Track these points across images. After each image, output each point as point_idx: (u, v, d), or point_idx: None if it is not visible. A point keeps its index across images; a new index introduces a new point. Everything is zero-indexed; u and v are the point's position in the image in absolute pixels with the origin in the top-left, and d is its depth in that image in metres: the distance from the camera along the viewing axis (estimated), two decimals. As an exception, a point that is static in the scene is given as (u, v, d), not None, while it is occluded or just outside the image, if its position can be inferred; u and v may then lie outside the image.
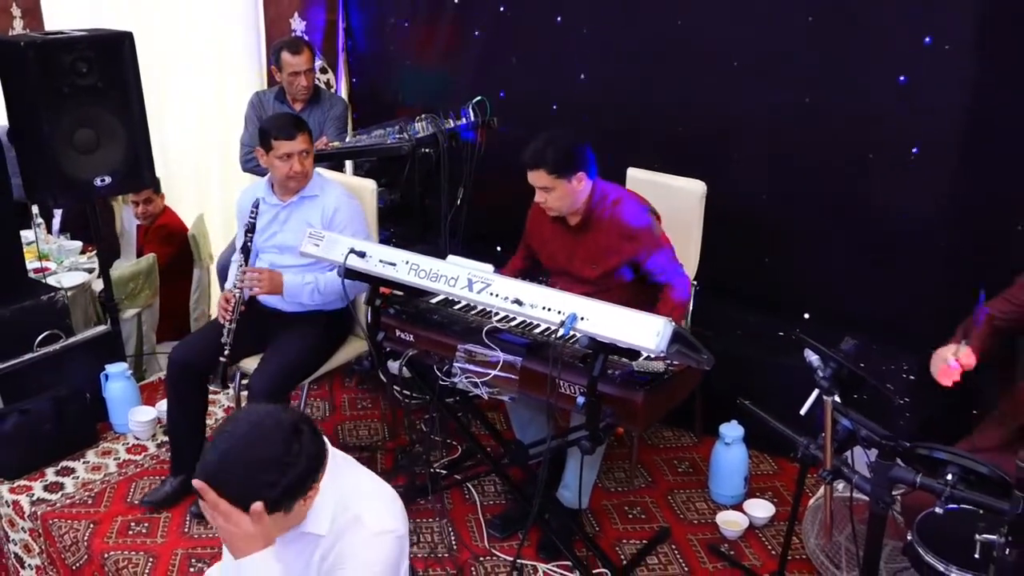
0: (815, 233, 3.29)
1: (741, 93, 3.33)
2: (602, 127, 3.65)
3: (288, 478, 1.63)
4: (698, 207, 3.23)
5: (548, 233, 3.06)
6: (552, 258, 3.06)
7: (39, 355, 3.55)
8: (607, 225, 2.90)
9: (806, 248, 3.33)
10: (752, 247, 3.44)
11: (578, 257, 2.97)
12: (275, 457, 1.62)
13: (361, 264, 2.72)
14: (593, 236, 2.93)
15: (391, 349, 2.90)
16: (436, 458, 3.42)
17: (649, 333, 2.21)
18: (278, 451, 1.63)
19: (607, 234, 2.90)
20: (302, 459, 1.65)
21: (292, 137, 3.03)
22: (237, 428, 1.66)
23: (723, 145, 3.43)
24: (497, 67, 4.02)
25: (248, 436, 1.64)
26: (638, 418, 2.47)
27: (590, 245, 2.93)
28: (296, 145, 3.03)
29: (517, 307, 2.43)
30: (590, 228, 2.94)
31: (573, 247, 2.98)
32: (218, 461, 1.62)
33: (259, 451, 1.62)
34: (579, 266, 2.97)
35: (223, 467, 1.62)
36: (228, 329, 3.01)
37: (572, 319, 2.31)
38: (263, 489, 1.61)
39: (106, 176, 3.55)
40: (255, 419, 1.67)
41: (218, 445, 1.64)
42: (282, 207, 3.19)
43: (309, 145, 3.07)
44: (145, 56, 5.06)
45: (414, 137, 3.46)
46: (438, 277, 2.58)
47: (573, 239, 2.97)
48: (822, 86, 3.16)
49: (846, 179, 3.18)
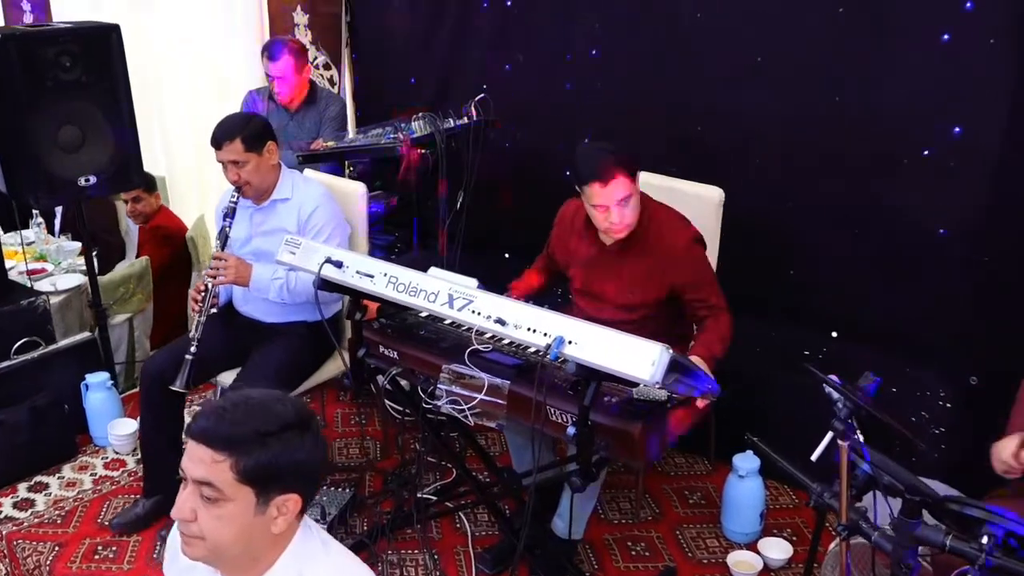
0: (844, 244, 3.04)
1: (764, 91, 3.09)
2: (614, 127, 3.42)
3: (274, 453, 1.40)
4: (715, 215, 3.00)
5: (577, 248, 2.76)
6: (582, 278, 2.78)
7: (16, 363, 3.41)
8: (653, 247, 2.61)
9: (834, 260, 3.08)
10: (774, 258, 3.19)
11: (613, 281, 2.69)
12: (277, 427, 1.41)
13: (337, 275, 2.52)
14: (635, 259, 2.63)
15: (375, 366, 2.69)
16: (428, 482, 3.22)
17: (643, 361, 1.97)
18: (285, 420, 1.42)
19: (655, 258, 2.61)
20: (299, 449, 1.43)
21: (217, 146, 2.85)
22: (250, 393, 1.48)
23: (743, 148, 3.18)
24: (505, 64, 3.81)
25: (260, 399, 1.45)
26: (635, 452, 2.23)
27: (632, 270, 2.64)
28: (221, 155, 2.86)
29: (500, 327, 2.21)
30: (634, 249, 2.63)
31: (610, 269, 2.69)
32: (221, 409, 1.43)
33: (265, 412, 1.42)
34: (614, 292, 2.69)
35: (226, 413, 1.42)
36: (197, 323, 2.82)
37: (559, 342, 2.09)
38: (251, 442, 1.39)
39: (91, 176, 3.42)
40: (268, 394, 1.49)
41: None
42: (256, 209, 3.02)
43: (243, 155, 2.85)
44: (147, 52, 5.07)
45: (410, 137, 3.25)
46: (417, 291, 2.38)
47: (612, 260, 2.68)
48: (852, 84, 2.90)
49: (878, 185, 2.93)
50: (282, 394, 1.50)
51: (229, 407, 1.42)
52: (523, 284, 2.92)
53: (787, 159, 3.10)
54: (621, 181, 2.46)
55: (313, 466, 1.48)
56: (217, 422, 1.40)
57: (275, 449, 1.40)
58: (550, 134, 3.69)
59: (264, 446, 1.39)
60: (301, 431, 1.43)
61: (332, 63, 4.38)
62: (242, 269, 2.89)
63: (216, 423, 1.40)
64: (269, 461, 1.40)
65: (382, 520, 2.97)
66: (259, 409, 1.43)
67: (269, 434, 1.40)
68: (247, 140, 2.84)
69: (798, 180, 3.09)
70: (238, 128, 2.85)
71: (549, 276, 2.94)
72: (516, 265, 3.04)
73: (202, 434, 1.40)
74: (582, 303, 2.77)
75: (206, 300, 2.83)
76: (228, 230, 2.92)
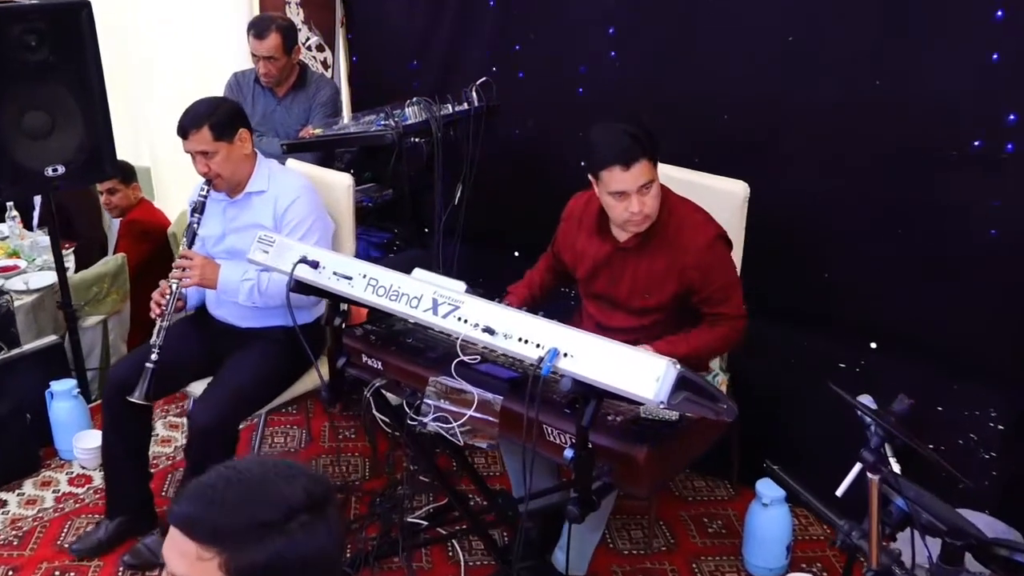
0: (884, 245, 2.91)
1: (795, 76, 2.96)
2: (631, 114, 3.26)
3: (277, 549, 1.18)
4: (740, 212, 2.87)
5: (587, 247, 2.64)
6: (592, 280, 2.66)
7: (-27, 369, 3.34)
8: (671, 243, 2.48)
9: (872, 263, 2.95)
10: (806, 261, 3.06)
11: (626, 282, 2.56)
12: (281, 514, 1.19)
13: (312, 276, 2.41)
14: (652, 258, 2.50)
15: (356, 378, 2.58)
16: (419, 504, 3.10)
17: (646, 378, 1.84)
18: (292, 503, 1.20)
19: (673, 255, 2.48)
20: (309, 541, 1.20)
21: (183, 136, 2.77)
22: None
23: (772, 138, 3.06)
24: (514, 45, 3.71)
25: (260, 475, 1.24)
26: (640, 478, 2.10)
27: (645, 269, 2.52)
28: (189, 145, 2.77)
29: (488, 336, 2.08)
30: (650, 246, 2.50)
31: (621, 270, 2.57)
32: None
33: (265, 493, 1.21)
34: (627, 294, 2.57)
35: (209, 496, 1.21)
36: (159, 328, 2.73)
37: (553, 355, 1.96)
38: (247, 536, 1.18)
39: (60, 165, 3.35)
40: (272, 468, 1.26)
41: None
42: (229, 203, 2.92)
43: (212, 145, 2.76)
44: (129, 34, 5.00)
45: (402, 124, 3.13)
46: (399, 295, 2.26)
47: (626, 259, 2.55)
48: (894, 68, 2.76)
49: (924, 180, 2.79)
50: (290, 466, 1.27)
51: (221, 486, 1.20)
52: (523, 287, 2.81)
53: (820, 151, 2.98)
54: (644, 165, 2.34)
55: (328, 560, 1.24)
56: (205, 507, 1.18)
57: (278, 544, 1.17)
58: (563, 121, 3.59)
59: (263, 540, 1.17)
60: (313, 517, 1.20)
61: (326, 44, 4.28)
62: (208, 269, 2.79)
63: (203, 509, 1.18)
64: (270, 559, 1.17)
65: (366, 547, 2.85)
66: (258, 489, 1.20)
67: (271, 524, 1.17)
68: (216, 128, 2.75)
69: (833, 174, 2.96)
70: (205, 115, 2.75)
71: (554, 277, 2.82)
72: (525, 265, 2.95)
73: (185, 522, 1.18)
74: (591, 308, 2.66)
75: (170, 303, 2.74)
76: (196, 227, 2.82)
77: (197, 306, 3.01)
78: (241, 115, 2.86)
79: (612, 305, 2.59)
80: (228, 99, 2.95)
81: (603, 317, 2.59)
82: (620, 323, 2.54)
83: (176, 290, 2.76)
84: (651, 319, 2.53)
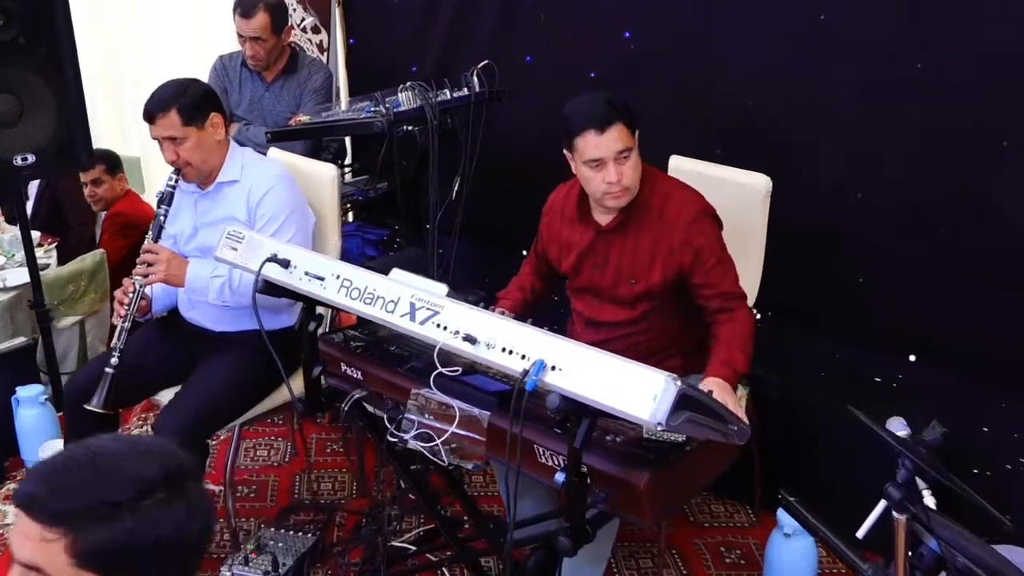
0: (926, 246, 2.76)
1: (827, 56, 2.83)
2: (647, 99, 3.17)
3: (126, 528, 1.17)
4: (761, 208, 2.78)
5: (570, 236, 2.60)
6: (576, 273, 2.61)
7: (-65, 373, 3.28)
8: (656, 221, 2.46)
9: (912, 265, 2.81)
10: (837, 263, 2.93)
11: (611, 269, 2.53)
12: (133, 491, 1.18)
13: (283, 276, 2.30)
14: (636, 238, 2.48)
15: (335, 389, 2.48)
16: (409, 526, 2.98)
17: (642, 396, 1.71)
18: (146, 481, 1.19)
19: (658, 233, 2.45)
20: (163, 521, 1.19)
21: (150, 120, 2.69)
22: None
23: (799, 127, 2.93)
24: (522, 26, 3.62)
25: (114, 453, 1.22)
26: (641, 508, 1.97)
27: (630, 251, 2.49)
28: (155, 131, 2.70)
29: (469, 346, 1.96)
30: (633, 226, 2.47)
31: (605, 255, 2.53)
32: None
33: (116, 471, 1.19)
34: (612, 282, 2.53)
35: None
36: (120, 329, 2.65)
37: (539, 367, 1.82)
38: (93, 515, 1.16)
39: (29, 154, 3.27)
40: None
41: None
42: (200, 195, 2.84)
43: (180, 130, 2.68)
44: (121, 16, 4.95)
45: (393, 111, 3.01)
46: (374, 299, 2.14)
47: (607, 244, 2.53)
48: (938, 45, 2.62)
49: (971, 174, 2.65)
50: (155, 442, 1.29)
51: (70, 465, 1.20)
52: (515, 291, 2.75)
53: (853, 140, 2.85)
54: (620, 129, 2.36)
55: (186, 543, 1.23)
56: (49, 486, 1.17)
57: (128, 523, 1.16)
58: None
59: (112, 519, 1.15)
60: (170, 495, 1.20)
61: (322, 25, 4.19)
62: (175, 265, 2.70)
63: (47, 488, 1.17)
64: (119, 539, 1.16)
65: (348, 574, 2.74)
66: (109, 467, 1.19)
67: (120, 503, 1.16)
68: (185, 111, 2.66)
69: (867, 166, 2.83)
70: (173, 97, 2.67)
71: (541, 280, 2.77)
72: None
73: (28, 502, 1.17)
74: (579, 305, 2.63)
75: (132, 303, 2.65)
76: (163, 220, 2.74)
77: (165, 310, 2.93)
78: (213, 98, 2.78)
79: (598, 297, 2.56)
80: (199, 80, 2.85)
81: (591, 312, 2.57)
82: (609, 316, 2.52)
83: (140, 288, 2.67)
84: (641, 309, 2.50)
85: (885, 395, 2.86)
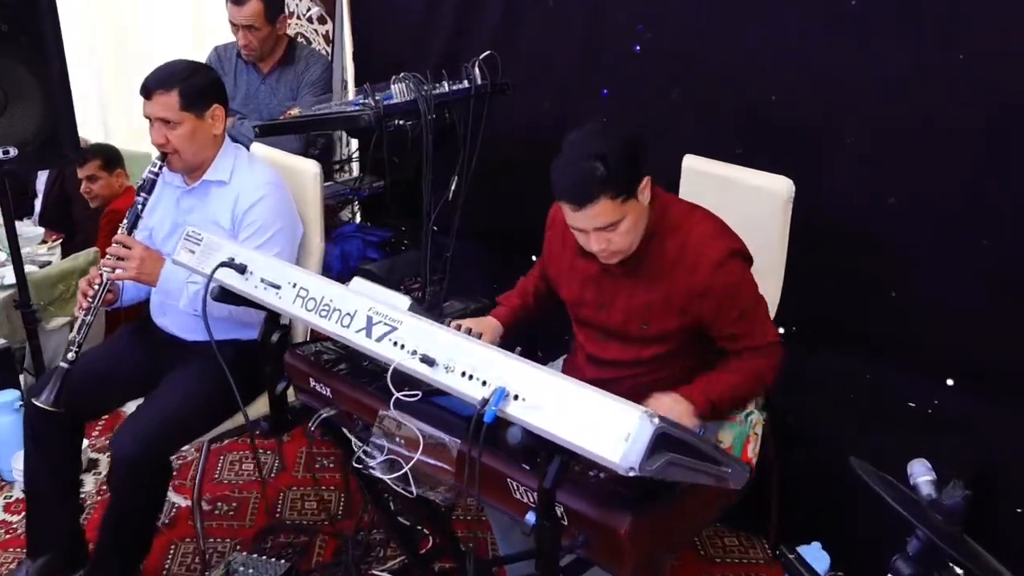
0: (968, 258, 2.53)
1: (859, 48, 2.59)
2: (663, 91, 3.04)
3: None
4: (782, 214, 2.52)
5: (570, 265, 2.29)
6: (575, 301, 2.30)
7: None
8: (673, 265, 2.11)
9: (952, 279, 2.57)
10: (867, 275, 2.69)
11: (619, 310, 2.19)
12: None
13: (239, 283, 2.11)
14: (647, 286, 2.14)
15: (303, 405, 2.31)
16: (395, 552, 2.77)
17: (612, 434, 1.48)
18: None
19: (675, 278, 2.11)
20: None
21: (146, 95, 2.50)
22: None
23: (826, 126, 2.70)
24: (531, 15, 3.43)
25: None
26: (621, 556, 1.74)
27: (642, 296, 2.15)
28: (150, 108, 2.51)
29: (426, 368, 1.75)
30: (644, 273, 2.14)
31: (612, 296, 2.20)
32: None
33: None
34: (622, 320, 2.20)
35: None
36: (81, 322, 2.48)
37: (499, 396, 1.59)
38: None
39: (11, 147, 3.16)
40: None
41: None
42: (185, 191, 2.66)
43: (177, 114, 2.49)
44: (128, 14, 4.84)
45: (382, 104, 2.79)
46: (330, 311, 1.94)
47: (612, 284, 2.20)
48: (985, 31, 2.37)
49: (1021, 182, 2.40)
50: None
51: None
52: (514, 296, 2.50)
53: (887, 139, 2.60)
54: (603, 206, 1.97)
55: None
56: None
57: None
58: (583, 102, 3.30)
59: None
60: None
61: (327, 15, 3.99)
62: (149, 262, 2.51)
63: None
64: None
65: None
66: None
67: None
68: (187, 95, 2.49)
69: (903, 167, 2.59)
70: (179, 77, 2.50)
71: (537, 299, 2.48)
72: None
73: None
74: (582, 336, 2.31)
75: (97, 296, 2.48)
76: (140, 209, 2.55)
77: (134, 301, 2.76)
78: (220, 89, 2.61)
79: (604, 334, 2.23)
80: (210, 68, 2.68)
81: (595, 348, 2.25)
82: (615, 355, 2.19)
83: (106, 281, 2.50)
84: (652, 351, 2.16)
85: (918, 422, 2.61)
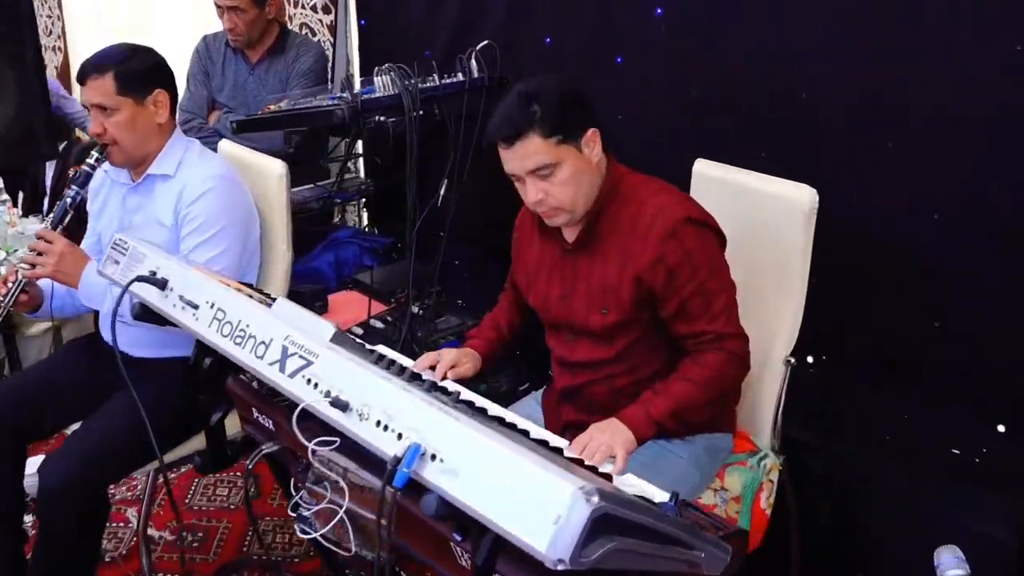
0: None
1: (892, 48, 2.33)
2: (680, 88, 2.81)
3: None
4: (804, 226, 2.22)
5: (536, 258, 2.13)
6: (542, 301, 2.13)
7: None
8: (625, 237, 1.97)
9: (1008, 307, 2.28)
10: (902, 299, 2.42)
11: (580, 296, 2.04)
12: None
13: (157, 300, 1.86)
14: (603, 259, 2.00)
15: (246, 436, 2.05)
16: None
17: (538, 514, 1.16)
18: None
19: (624, 252, 1.98)
20: None
21: (81, 81, 2.31)
22: None
23: (854, 130, 2.46)
24: (541, 5, 3.19)
25: None
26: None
27: (599, 274, 2.01)
28: (85, 94, 2.31)
29: (338, 413, 1.46)
30: (601, 245, 2.00)
31: (573, 280, 2.04)
32: None
33: None
34: (583, 310, 2.03)
35: None
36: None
37: (413, 455, 1.30)
38: None
39: None
40: None
41: None
42: (131, 188, 2.44)
43: (113, 99, 2.28)
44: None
45: (359, 98, 2.52)
46: (245, 338, 1.65)
47: (573, 265, 2.04)
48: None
49: None
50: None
51: None
52: (487, 328, 2.28)
53: (929, 145, 2.33)
54: (534, 144, 1.85)
55: None
56: None
57: None
58: (596, 97, 2.94)
59: None
60: None
61: (331, 3, 3.75)
62: (69, 261, 2.29)
63: None
64: None
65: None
66: None
67: None
68: (124, 78, 2.28)
69: (947, 178, 2.32)
70: (114, 59, 2.30)
71: (519, 313, 2.29)
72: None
73: None
74: (552, 341, 2.17)
75: (9, 294, 2.30)
76: (69, 203, 2.33)
77: (66, 311, 2.54)
78: (163, 73, 2.39)
79: (573, 332, 2.10)
80: (154, 51, 2.46)
81: (565, 350, 2.12)
82: (584, 355, 2.06)
83: (22, 280, 2.30)
84: (619, 344, 2.01)
85: (964, 473, 2.31)
